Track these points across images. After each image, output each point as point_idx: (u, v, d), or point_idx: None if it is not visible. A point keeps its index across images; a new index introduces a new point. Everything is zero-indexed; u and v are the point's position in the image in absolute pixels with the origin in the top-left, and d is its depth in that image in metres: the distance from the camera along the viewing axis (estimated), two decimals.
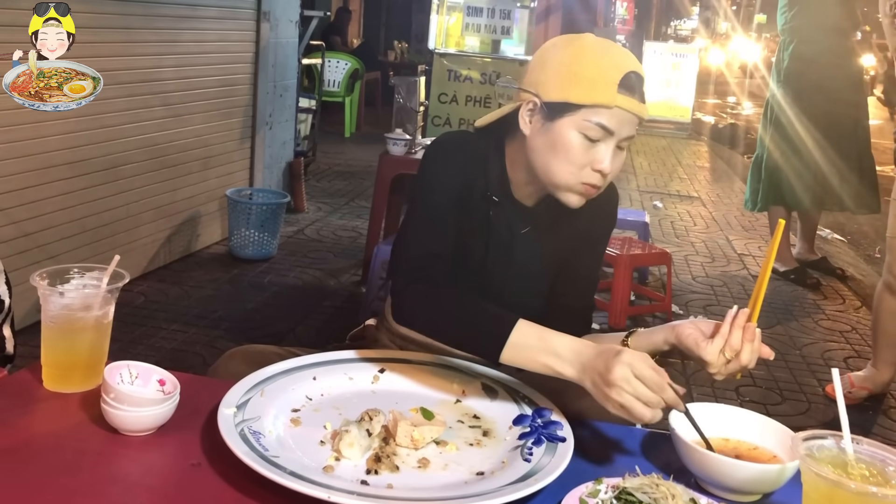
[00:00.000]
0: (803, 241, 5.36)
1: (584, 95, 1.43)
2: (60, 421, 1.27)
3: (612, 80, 1.42)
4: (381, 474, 1.16)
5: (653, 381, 1.22)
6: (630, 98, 1.44)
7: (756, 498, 1.20)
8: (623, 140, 1.48)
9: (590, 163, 1.46)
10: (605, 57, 1.45)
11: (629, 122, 1.46)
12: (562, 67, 1.46)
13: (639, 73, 1.46)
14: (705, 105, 15.34)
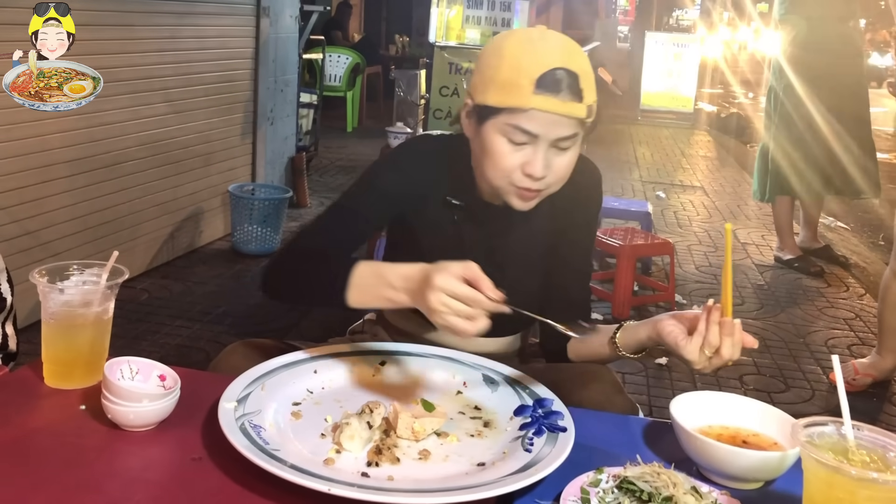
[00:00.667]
0: (806, 230, 5.35)
1: (500, 98, 1.39)
2: (61, 417, 1.27)
3: (528, 81, 1.35)
4: (382, 466, 1.16)
5: (467, 296, 1.22)
6: (550, 97, 1.36)
7: (758, 485, 1.19)
8: (559, 140, 1.40)
9: (520, 166, 1.41)
10: (524, 55, 1.38)
11: (556, 122, 1.38)
12: (485, 68, 1.42)
13: (566, 68, 1.37)
14: (707, 95, 15.30)
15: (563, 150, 1.42)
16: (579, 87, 1.38)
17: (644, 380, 3.43)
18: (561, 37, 1.44)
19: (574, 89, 1.37)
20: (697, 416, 1.28)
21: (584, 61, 1.41)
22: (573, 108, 1.38)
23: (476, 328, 1.23)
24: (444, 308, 1.23)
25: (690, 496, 1.08)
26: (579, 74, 1.38)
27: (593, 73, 1.44)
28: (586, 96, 1.39)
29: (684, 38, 12.56)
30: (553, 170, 1.43)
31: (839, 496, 0.97)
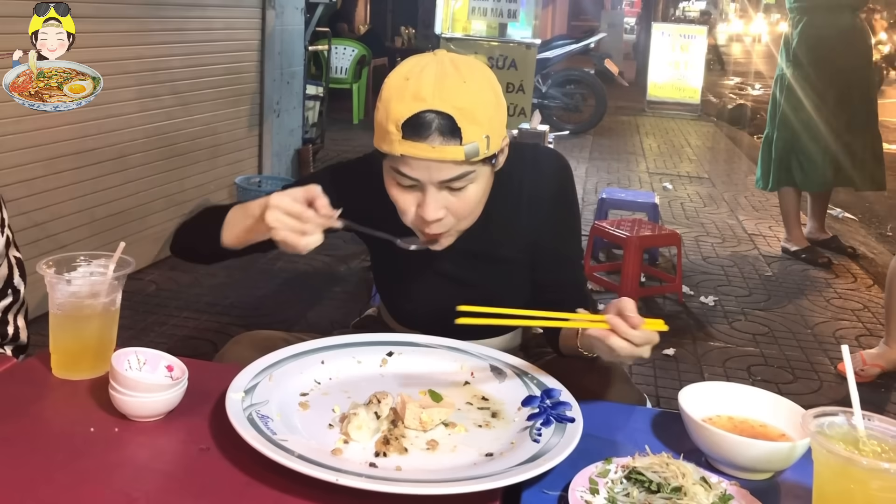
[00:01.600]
0: (814, 220, 5.33)
1: (378, 142, 1.37)
2: (69, 407, 1.28)
3: (395, 126, 1.31)
4: (390, 456, 1.16)
5: (298, 213, 1.27)
6: (417, 143, 1.30)
7: (767, 476, 1.19)
8: (448, 182, 1.35)
9: (416, 209, 1.38)
10: (393, 98, 1.33)
11: (434, 167, 1.32)
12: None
13: (436, 110, 1.29)
14: (714, 85, 15.25)
15: (460, 190, 1.37)
16: (455, 126, 1.30)
17: (651, 370, 3.42)
18: (443, 63, 1.35)
19: (446, 130, 1.30)
20: (706, 406, 1.28)
21: (468, 93, 1.32)
22: (447, 151, 1.31)
23: (305, 242, 1.28)
24: (278, 223, 1.27)
25: (700, 487, 1.07)
26: (453, 114, 1.29)
27: (493, 99, 1.36)
28: (468, 134, 1.31)
29: (691, 29, 12.51)
30: (453, 210, 1.39)
31: (850, 486, 0.97)
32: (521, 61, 6.81)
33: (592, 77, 10.11)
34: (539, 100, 9.10)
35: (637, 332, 1.26)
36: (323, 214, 1.29)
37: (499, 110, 1.38)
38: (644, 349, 1.28)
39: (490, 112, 1.35)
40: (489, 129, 1.34)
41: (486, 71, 1.40)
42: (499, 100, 1.39)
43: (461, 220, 1.42)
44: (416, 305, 1.66)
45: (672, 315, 4.10)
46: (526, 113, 6.72)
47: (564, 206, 1.61)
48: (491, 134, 1.35)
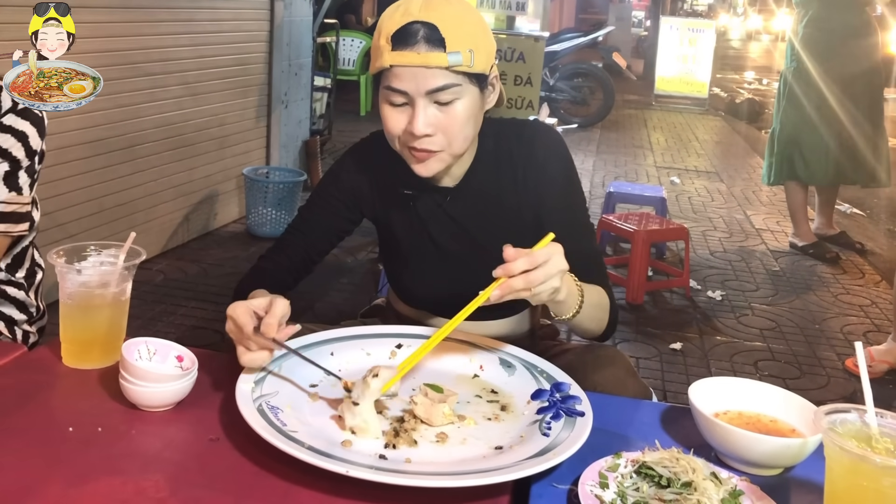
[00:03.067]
0: (821, 216, 5.32)
1: (373, 64, 1.44)
2: (79, 397, 1.28)
3: (386, 40, 1.39)
4: (400, 449, 1.16)
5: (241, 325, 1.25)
6: (406, 52, 1.37)
7: (777, 471, 1.19)
8: (434, 93, 1.39)
9: (406, 127, 1.43)
10: (385, 18, 1.41)
11: (421, 75, 1.38)
12: None
13: (422, 20, 1.37)
14: (722, 80, 15.20)
15: (447, 104, 1.41)
16: (439, 36, 1.37)
17: (658, 364, 3.42)
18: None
19: (432, 39, 1.37)
20: (715, 401, 1.28)
21: (453, 9, 1.40)
22: (432, 57, 1.37)
23: (247, 358, 1.26)
24: (231, 334, 1.29)
25: (710, 482, 1.07)
26: (438, 24, 1.37)
27: (478, 21, 1.44)
28: (451, 44, 1.37)
29: (699, 23, 12.46)
30: (441, 126, 1.42)
31: (863, 484, 0.96)
32: (530, 54, 6.78)
33: (600, 70, 10.08)
34: (547, 93, 9.08)
35: (522, 260, 1.20)
36: (266, 334, 1.25)
37: (486, 34, 1.45)
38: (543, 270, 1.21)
39: (474, 30, 1.42)
40: (473, 44, 1.40)
41: (472, 6, 1.48)
42: (485, 26, 1.46)
43: (450, 140, 1.43)
44: (423, 286, 1.69)
45: (679, 309, 4.10)
46: (534, 106, 6.70)
47: (567, 176, 1.61)
48: (476, 50, 1.40)
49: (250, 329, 1.25)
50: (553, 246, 1.25)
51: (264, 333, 1.25)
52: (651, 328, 3.81)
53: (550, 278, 1.23)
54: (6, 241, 1.71)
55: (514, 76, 6.78)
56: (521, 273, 1.21)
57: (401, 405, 1.29)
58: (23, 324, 1.83)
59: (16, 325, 1.81)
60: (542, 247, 1.24)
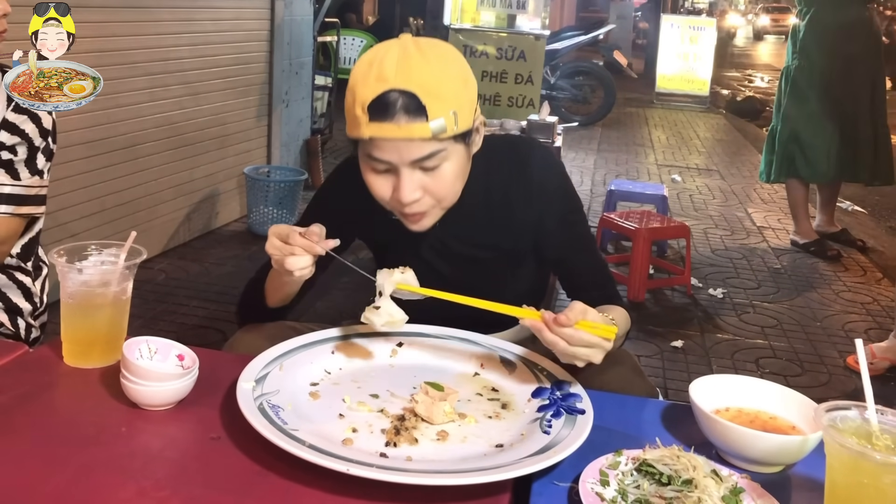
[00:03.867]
0: (823, 213, 5.31)
1: (349, 129, 1.37)
2: (81, 396, 1.28)
3: (362, 110, 1.31)
4: (401, 447, 1.16)
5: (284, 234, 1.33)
6: (385, 124, 1.30)
7: (778, 469, 1.19)
8: (419, 161, 1.34)
9: (393, 192, 1.39)
10: (358, 82, 1.32)
11: (404, 147, 1.32)
12: None
13: (400, 89, 1.29)
14: (723, 77, 15.19)
15: (434, 169, 1.36)
16: (419, 104, 1.29)
17: (660, 362, 3.42)
18: (405, 45, 1.34)
19: (412, 108, 1.29)
20: (716, 398, 1.28)
21: (431, 71, 1.31)
22: (413, 129, 1.30)
23: (291, 261, 1.32)
24: (272, 250, 1.34)
25: (710, 479, 1.07)
26: (417, 92, 1.29)
27: (459, 76, 1.35)
28: (433, 111, 1.30)
29: (700, 21, 12.46)
30: (429, 190, 1.38)
31: (863, 481, 0.96)
32: (530, 52, 6.79)
33: (601, 68, 10.08)
34: (548, 91, 9.08)
35: (569, 331, 1.23)
36: (310, 240, 1.33)
37: (467, 87, 1.37)
38: (587, 352, 1.25)
39: (456, 88, 1.34)
40: (456, 104, 1.33)
41: (451, 51, 1.39)
42: (466, 77, 1.38)
43: (439, 199, 1.41)
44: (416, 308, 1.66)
45: (681, 307, 4.10)
46: (535, 104, 6.70)
47: (566, 194, 1.60)
48: (458, 110, 1.33)
49: (295, 234, 1.32)
50: (604, 342, 1.26)
51: (309, 236, 1.32)
52: (652, 326, 3.81)
53: (576, 360, 1.26)
54: (23, 224, 1.77)
55: (514, 75, 6.78)
56: (556, 334, 1.24)
57: (401, 403, 1.29)
58: (27, 315, 1.84)
59: (20, 317, 1.82)
60: (594, 334, 1.25)
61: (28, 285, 1.84)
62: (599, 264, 1.65)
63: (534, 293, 1.72)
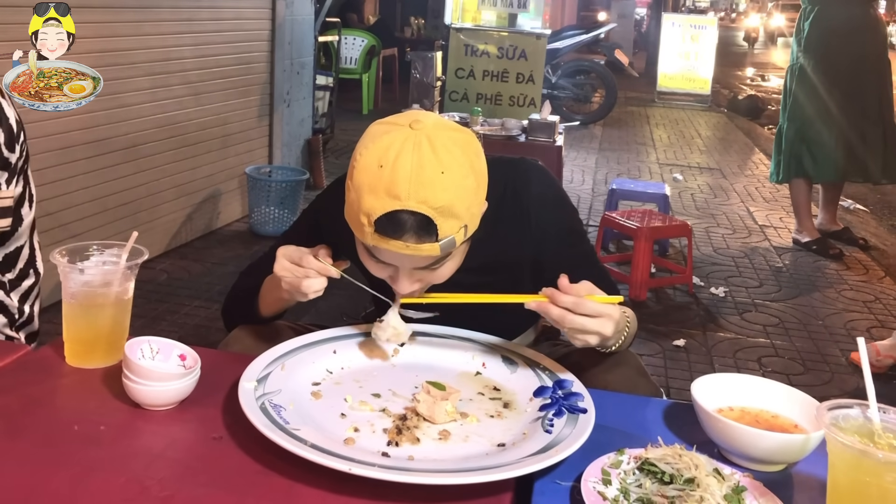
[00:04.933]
0: (825, 212, 5.31)
1: (349, 221, 1.30)
2: (82, 396, 1.28)
3: (367, 220, 1.24)
4: (402, 446, 1.16)
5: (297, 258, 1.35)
6: (391, 240, 1.24)
7: (780, 467, 1.19)
8: (423, 267, 1.32)
9: (389, 279, 1.36)
10: (365, 188, 1.23)
11: (408, 260, 1.29)
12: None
13: (410, 210, 1.21)
14: (725, 76, 15.18)
15: (434, 270, 1.34)
16: (431, 224, 1.22)
17: (662, 361, 3.42)
18: (421, 157, 1.22)
19: (422, 229, 1.23)
20: (718, 397, 1.28)
21: (446, 187, 1.22)
22: (422, 248, 1.24)
23: (307, 283, 1.33)
24: (283, 272, 1.35)
25: (712, 478, 1.07)
26: (430, 214, 1.21)
27: (472, 185, 1.27)
28: (444, 230, 1.24)
29: (702, 20, 12.45)
30: (427, 281, 1.37)
31: (865, 479, 0.96)
32: (532, 51, 6.79)
33: (602, 67, 10.07)
34: (549, 90, 9.08)
35: (572, 299, 1.23)
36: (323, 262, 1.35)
37: (478, 194, 1.29)
38: (595, 322, 1.24)
39: (468, 201, 1.26)
40: (468, 218, 1.27)
41: (465, 149, 1.28)
42: (478, 182, 1.29)
43: (434, 284, 1.39)
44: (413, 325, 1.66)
45: (683, 306, 4.09)
46: (536, 103, 6.70)
47: (565, 213, 1.57)
48: (470, 222, 1.28)
49: (310, 256, 1.34)
50: (610, 308, 1.27)
51: (321, 258, 1.34)
52: (654, 325, 3.81)
53: (587, 334, 1.26)
54: None
55: (515, 74, 6.78)
56: (563, 307, 1.24)
57: (403, 403, 1.29)
58: (3, 327, 1.76)
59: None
60: (599, 301, 1.26)
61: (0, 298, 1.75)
62: (605, 277, 1.60)
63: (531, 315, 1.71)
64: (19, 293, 1.79)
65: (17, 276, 1.78)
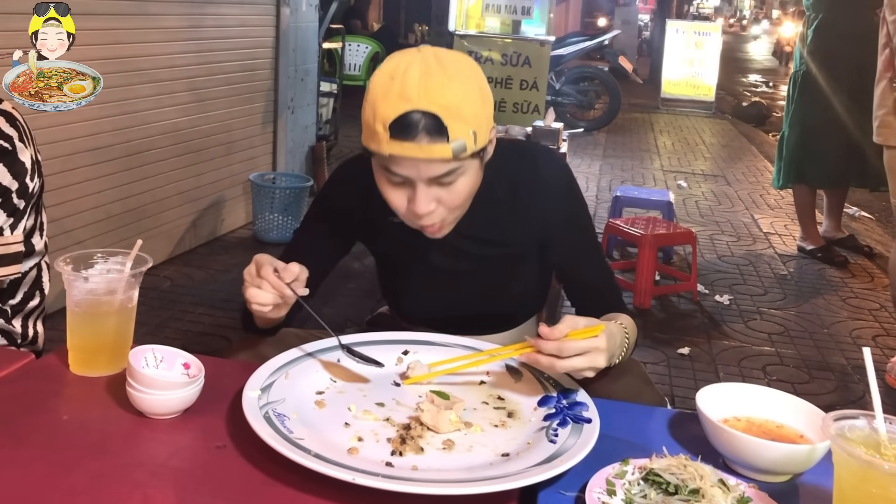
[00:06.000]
0: (830, 219, 5.30)
1: (366, 140, 1.37)
2: (86, 405, 1.28)
3: (383, 127, 1.31)
4: (406, 456, 1.16)
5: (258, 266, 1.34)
6: (407, 143, 1.30)
7: (786, 478, 1.18)
8: (437, 178, 1.35)
9: (408, 204, 1.39)
10: (379, 98, 1.32)
11: (423, 165, 1.33)
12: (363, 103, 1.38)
13: (422, 110, 1.29)
14: (728, 83, 15.17)
15: (450, 184, 1.38)
16: (442, 125, 1.30)
17: (666, 369, 3.41)
18: (427, 61, 1.33)
19: (434, 130, 1.30)
20: (723, 407, 1.27)
21: (453, 91, 1.31)
22: (435, 150, 1.31)
23: (250, 292, 1.32)
24: (246, 276, 1.34)
25: (717, 489, 1.06)
26: (440, 113, 1.29)
27: (479, 95, 1.36)
28: (455, 132, 1.31)
29: (706, 26, 12.46)
30: (444, 202, 1.40)
31: (872, 491, 0.96)
32: (535, 58, 6.79)
33: (606, 74, 10.08)
34: (553, 97, 9.08)
35: (555, 344, 1.25)
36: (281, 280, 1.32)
37: (485, 104, 1.38)
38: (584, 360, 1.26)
39: (476, 108, 1.35)
40: (476, 124, 1.34)
41: (471, 65, 1.39)
42: (484, 94, 1.38)
43: (452, 210, 1.43)
44: (417, 306, 1.71)
45: (687, 314, 4.09)
46: (540, 110, 6.70)
47: (574, 199, 1.61)
48: (478, 129, 1.35)
49: (269, 268, 1.32)
50: (596, 341, 1.27)
51: (282, 276, 1.31)
52: (658, 333, 3.80)
53: (581, 371, 1.28)
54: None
55: (519, 80, 6.79)
56: (547, 353, 1.26)
57: (407, 412, 1.28)
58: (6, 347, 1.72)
59: None
60: (584, 337, 1.27)
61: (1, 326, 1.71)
62: (606, 272, 1.66)
63: (537, 295, 1.74)
64: (22, 316, 1.77)
65: (22, 300, 1.75)
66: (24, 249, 1.65)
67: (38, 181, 1.67)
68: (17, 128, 1.61)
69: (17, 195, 1.60)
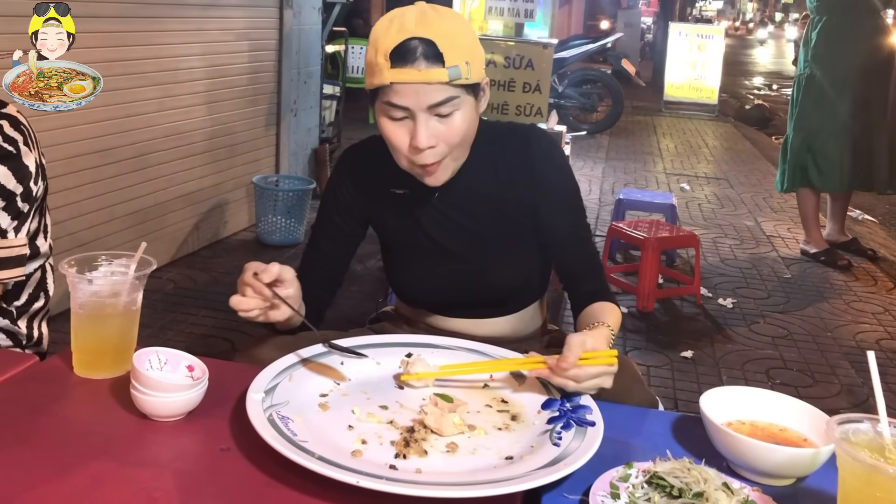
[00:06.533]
0: (833, 222, 5.29)
1: (369, 79, 1.46)
2: (91, 407, 1.28)
3: (384, 57, 1.41)
4: (410, 459, 1.16)
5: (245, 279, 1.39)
6: (405, 69, 1.41)
7: (790, 482, 1.18)
8: (435, 107, 1.44)
9: (409, 141, 1.46)
10: (380, 34, 1.44)
11: (422, 91, 1.42)
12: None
13: (419, 36, 1.41)
14: (731, 86, 15.16)
15: (447, 116, 1.45)
16: (437, 51, 1.41)
17: (669, 373, 3.41)
18: (422, 6, 1.47)
19: (430, 55, 1.41)
20: (727, 410, 1.27)
21: (447, 24, 1.43)
22: (432, 73, 1.41)
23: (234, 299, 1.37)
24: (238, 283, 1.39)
25: (721, 492, 1.06)
26: (435, 40, 1.41)
27: (470, 33, 1.48)
28: (450, 58, 1.41)
29: (709, 29, 12.45)
30: (443, 137, 1.47)
31: (876, 494, 0.95)
32: (538, 61, 6.78)
33: (609, 77, 10.08)
34: (556, 100, 9.08)
35: (573, 372, 1.29)
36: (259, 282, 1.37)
37: (477, 44, 1.49)
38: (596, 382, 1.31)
39: (468, 42, 1.46)
40: (469, 56, 1.44)
41: (462, 17, 1.52)
42: (475, 36, 1.50)
43: (452, 148, 1.49)
44: (420, 283, 1.74)
45: (690, 317, 4.08)
46: (542, 113, 6.69)
47: (566, 179, 1.68)
48: (471, 61, 1.44)
49: (249, 273, 1.37)
50: (609, 368, 1.32)
51: (260, 277, 1.36)
52: (662, 336, 3.80)
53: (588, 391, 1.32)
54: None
55: (522, 83, 6.78)
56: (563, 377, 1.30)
57: (411, 415, 1.28)
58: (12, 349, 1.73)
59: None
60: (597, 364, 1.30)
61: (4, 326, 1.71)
62: (594, 255, 1.71)
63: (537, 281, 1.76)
64: (27, 317, 1.77)
65: (26, 302, 1.75)
66: (29, 252, 1.65)
67: (42, 184, 1.67)
68: (22, 131, 1.61)
69: (21, 198, 1.60)
